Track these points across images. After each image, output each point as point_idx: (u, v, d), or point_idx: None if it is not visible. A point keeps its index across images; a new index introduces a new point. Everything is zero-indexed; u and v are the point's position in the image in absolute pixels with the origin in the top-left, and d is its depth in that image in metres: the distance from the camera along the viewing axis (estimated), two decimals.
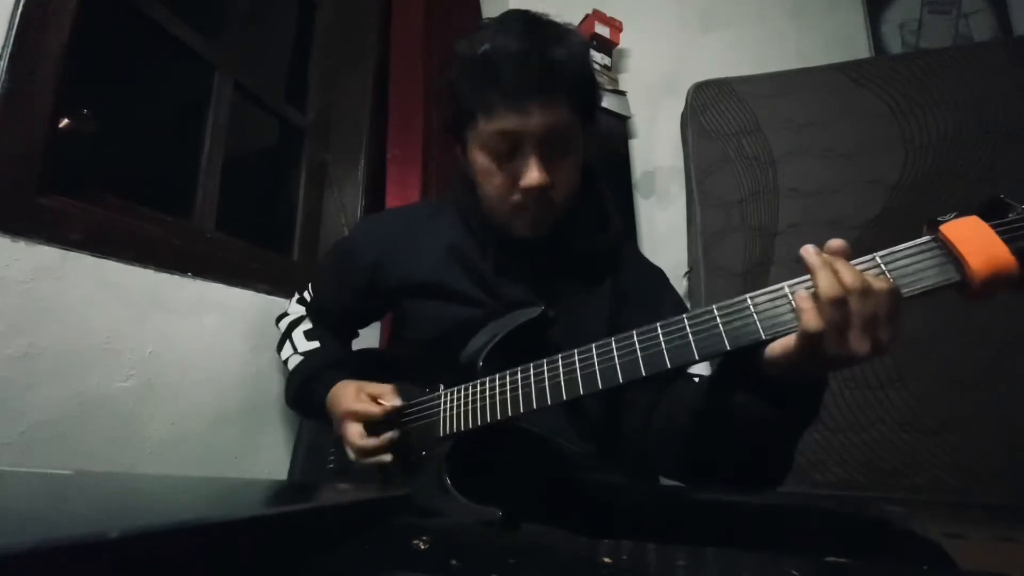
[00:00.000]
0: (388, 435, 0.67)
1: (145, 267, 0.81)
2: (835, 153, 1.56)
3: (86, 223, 0.74)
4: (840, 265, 0.43)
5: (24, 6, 0.68)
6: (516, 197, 0.68)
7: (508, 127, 0.65)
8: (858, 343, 0.42)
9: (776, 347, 0.46)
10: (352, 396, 0.71)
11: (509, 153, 0.67)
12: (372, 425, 0.69)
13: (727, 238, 1.58)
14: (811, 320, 0.42)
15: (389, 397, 0.70)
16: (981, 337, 1.32)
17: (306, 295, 0.92)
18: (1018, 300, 1.29)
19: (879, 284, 0.42)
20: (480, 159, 0.70)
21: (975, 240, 0.42)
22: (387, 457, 0.68)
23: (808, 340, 0.43)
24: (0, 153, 0.66)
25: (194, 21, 1.07)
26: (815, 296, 0.43)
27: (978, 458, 1.26)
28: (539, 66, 0.64)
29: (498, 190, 0.69)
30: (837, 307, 0.42)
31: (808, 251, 0.45)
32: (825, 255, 0.45)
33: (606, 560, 0.36)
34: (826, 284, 0.42)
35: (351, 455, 0.70)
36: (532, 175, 0.65)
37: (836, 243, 0.45)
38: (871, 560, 0.49)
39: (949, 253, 0.43)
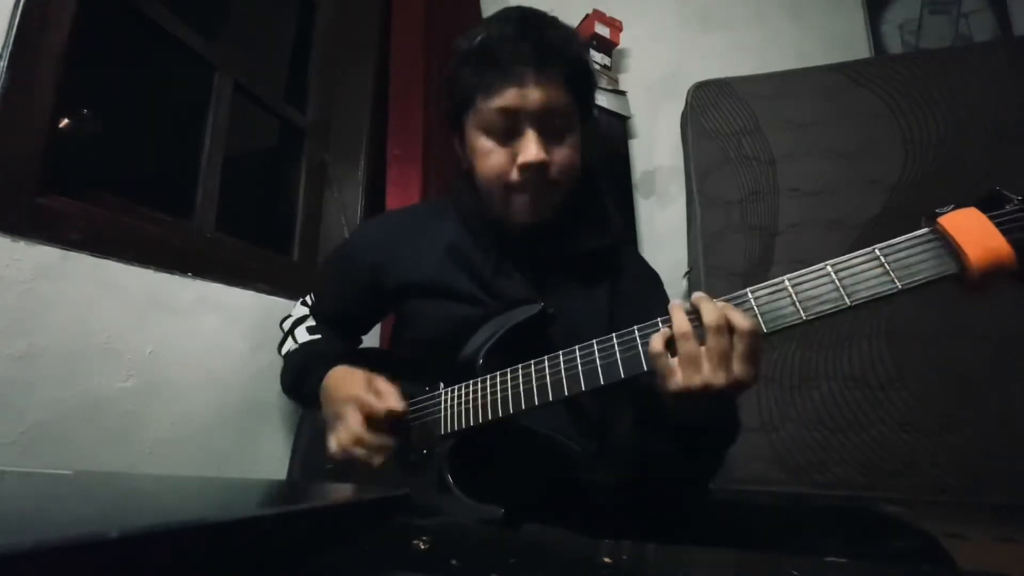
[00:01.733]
0: (389, 440, 0.66)
1: (145, 267, 0.81)
2: (835, 153, 1.55)
3: (86, 223, 0.74)
4: (705, 305, 0.50)
5: (24, 6, 0.68)
6: (514, 176, 0.68)
7: (506, 103, 0.66)
8: (712, 374, 0.48)
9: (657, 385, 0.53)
10: (362, 384, 0.68)
11: (508, 132, 0.68)
12: (372, 422, 0.67)
13: (727, 238, 1.58)
14: (656, 344, 0.51)
15: (394, 399, 0.67)
16: (981, 337, 1.32)
17: (309, 300, 0.91)
18: (1018, 300, 1.30)
19: (741, 323, 0.48)
20: (479, 141, 0.70)
21: (973, 231, 0.42)
22: (377, 459, 0.65)
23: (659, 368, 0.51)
24: (0, 153, 0.66)
25: (194, 21, 1.07)
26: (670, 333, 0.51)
27: (978, 458, 1.26)
28: (534, 44, 0.66)
29: (496, 170, 0.69)
30: (685, 340, 0.49)
31: (673, 306, 0.53)
32: (692, 299, 0.52)
33: (606, 560, 0.36)
34: (677, 321, 0.51)
35: (342, 439, 0.66)
36: (530, 150, 0.66)
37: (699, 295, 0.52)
38: (871, 560, 0.49)
39: (947, 245, 0.43)
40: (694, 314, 0.51)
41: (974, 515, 1.22)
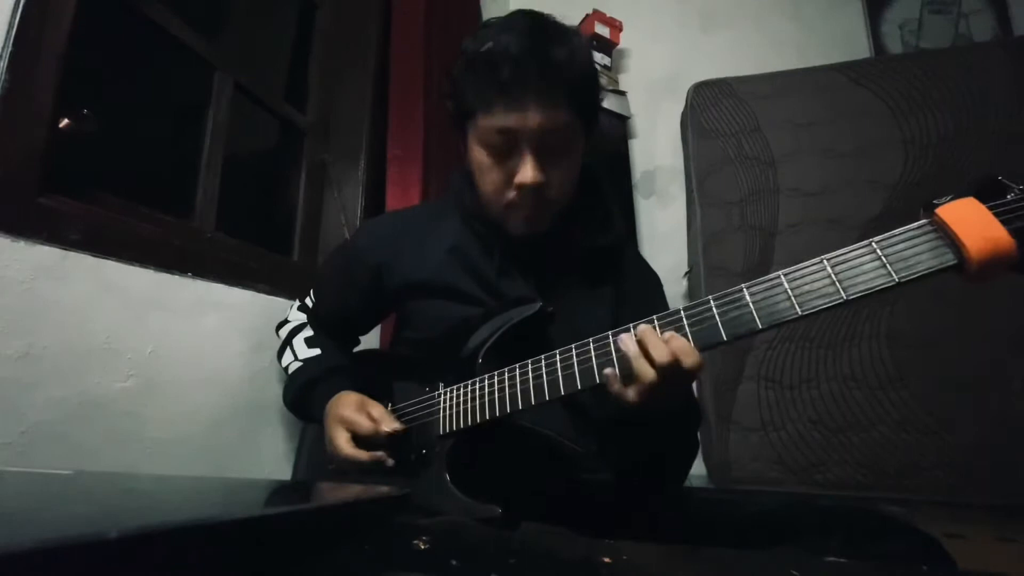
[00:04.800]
0: (378, 453, 0.67)
1: (145, 267, 0.81)
2: (835, 153, 1.56)
3: (86, 223, 0.74)
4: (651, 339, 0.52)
5: (24, 6, 0.68)
6: (511, 194, 0.68)
7: (506, 125, 0.65)
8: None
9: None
10: (352, 406, 0.70)
11: (506, 150, 0.67)
12: (361, 440, 0.68)
13: (727, 238, 1.58)
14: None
15: (386, 421, 0.67)
16: (981, 337, 1.32)
17: (307, 301, 0.91)
18: (1018, 300, 1.29)
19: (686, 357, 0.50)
20: (478, 155, 0.70)
21: (972, 222, 0.41)
22: (372, 471, 0.67)
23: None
24: (0, 153, 0.66)
25: (194, 21, 1.07)
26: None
27: (978, 458, 1.26)
28: (539, 66, 0.64)
29: (494, 186, 0.69)
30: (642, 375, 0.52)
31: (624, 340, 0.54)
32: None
33: (606, 560, 0.36)
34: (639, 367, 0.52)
35: (336, 459, 0.69)
36: (526, 173, 0.65)
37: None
38: (871, 560, 0.49)
39: (946, 236, 0.42)
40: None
41: (974, 515, 1.22)
